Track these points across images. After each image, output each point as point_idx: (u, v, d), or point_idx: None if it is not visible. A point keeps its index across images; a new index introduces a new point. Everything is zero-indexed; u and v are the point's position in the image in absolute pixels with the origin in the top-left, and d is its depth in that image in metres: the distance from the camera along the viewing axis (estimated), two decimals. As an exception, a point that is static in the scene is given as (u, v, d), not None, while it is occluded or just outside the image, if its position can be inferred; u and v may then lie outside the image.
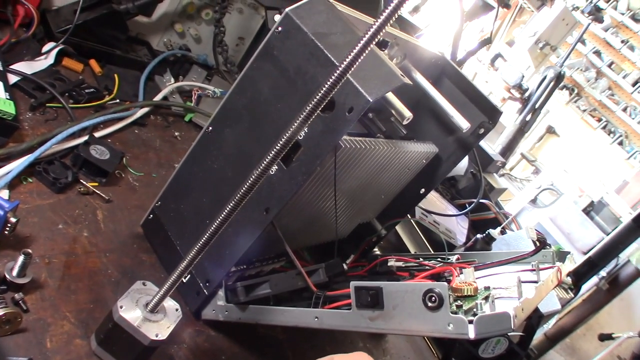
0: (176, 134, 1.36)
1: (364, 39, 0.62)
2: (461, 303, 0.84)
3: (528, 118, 2.74)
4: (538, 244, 1.05)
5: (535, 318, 1.20)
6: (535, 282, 0.94)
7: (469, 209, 1.87)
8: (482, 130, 1.19)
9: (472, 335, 0.71)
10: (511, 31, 2.65)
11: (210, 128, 0.92)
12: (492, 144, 2.68)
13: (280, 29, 0.83)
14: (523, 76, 2.60)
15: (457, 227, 1.81)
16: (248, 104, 0.88)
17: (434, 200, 1.82)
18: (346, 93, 0.76)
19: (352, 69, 0.65)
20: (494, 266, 1.04)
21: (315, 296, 0.89)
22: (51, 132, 1.05)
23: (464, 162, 2.03)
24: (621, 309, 2.87)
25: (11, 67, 1.11)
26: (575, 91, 2.90)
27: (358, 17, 0.91)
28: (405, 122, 0.88)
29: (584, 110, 2.98)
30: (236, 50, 1.72)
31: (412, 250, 1.56)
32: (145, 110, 1.30)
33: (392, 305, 0.76)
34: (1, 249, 0.84)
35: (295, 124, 0.67)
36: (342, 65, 0.64)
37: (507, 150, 2.83)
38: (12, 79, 1.11)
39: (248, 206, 0.87)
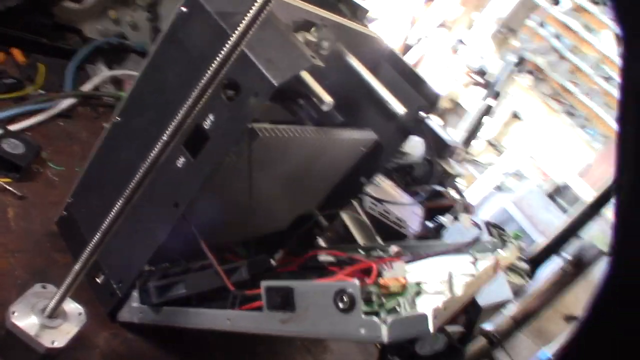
0: (106, 125, 1.30)
1: (256, 6, 0.57)
2: (385, 301, 0.80)
3: (491, 103, 2.72)
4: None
5: (474, 312, 1.17)
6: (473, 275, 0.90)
7: (424, 197, 1.84)
8: (421, 115, 1.15)
9: (385, 339, 0.66)
10: (469, 14, 2.61)
11: (119, 118, 0.87)
12: (454, 129, 2.66)
13: (184, 9, 0.78)
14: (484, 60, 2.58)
15: (412, 217, 1.78)
16: (154, 92, 0.82)
17: (387, 189, 1.79)
18: (251, 77, 0.71)
19: (245, 39, 0.59)
20: (430, 257, 1.00)
21: (232, 295, 0.84)
22: (-42, 125, 0.98)
23: (420, 149, 1.99)
24: (586, 290, 2.88)
25: None
26: (538, 76, 2.90)
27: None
28: (325, 108, 0.83)
29: (547, 95, 2.96)
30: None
31: (361, 242, 1.52)
32: (71, 101, 1.23)
33: (304, 307, 0.71)
34: None
35: (186, 106, 0.62)
36: (235, 36, 0.59)
37: (470, 136, 2.81)
38: None
39: (157, 202, 0.82)
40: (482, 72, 2.71)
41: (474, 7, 2.64)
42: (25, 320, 0.73)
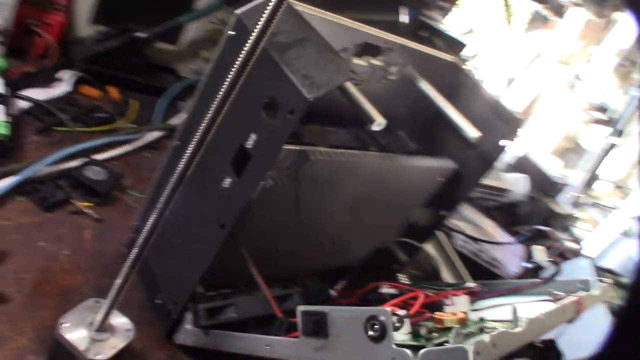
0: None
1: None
2: (436, 335, 0.73)
3: (614, 141, 2.50)
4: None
5: (552, 357, 1.03)
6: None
7: (526, 237, 1.70)
8: (503, 142, 1.08)
9: (415, 374, 0.60)
10: (587, 48, 2.44)
11: (177, 142, 0.90)
12: (574, 170, 2.47)
13: (232, 33, 0.80)
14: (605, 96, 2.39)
15: (510, 257, 1.65)
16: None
17: (484, 227, 1.68)
18: (288, 94, 0.70)
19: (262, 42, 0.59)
20: (501, 296, 0.91)
21: (278, 322, 0.81)
22: (51, 153, 1.07)
23: (523, 186, 1.86)
24: None
25: (23, 92, 1.16)
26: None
27: (326, 18, 0.86)
28: (376, 128, 0.80)
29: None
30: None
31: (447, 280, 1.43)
32: (158, 133, 1.30)
33: (336, 334, 0.68)
34: (-30, 264, 0.86)
35: (207, 119, 0.63)
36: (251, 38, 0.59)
37: (592, 177, 2.58)
38: (25, 105, 1.16)
39: (206, 223, 0.83)
40: (603, 109, 2.50)
41: (593, 40, 2.47)
42: (74, 332, 0.75)
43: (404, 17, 1.37)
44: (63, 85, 1.25)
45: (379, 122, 0.81)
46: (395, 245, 1.26)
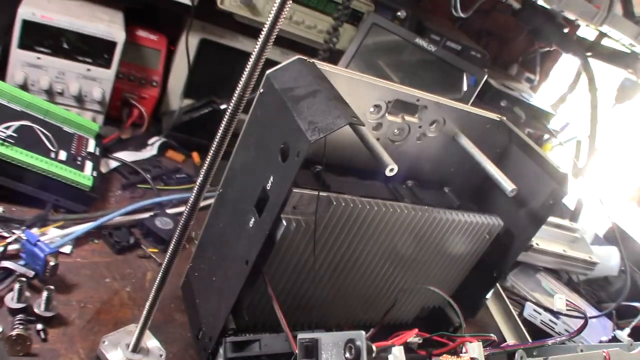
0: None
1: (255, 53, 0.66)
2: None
3: None
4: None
5: None
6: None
7: (610, 311, 1.58)
8: (552, 200, 1.07)
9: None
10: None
11: (221, 190, 1.00)
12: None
13: (262, 90, 0.90)
14: None
15: (595, 334, 1.53)
16: (242, 164, 0.94)
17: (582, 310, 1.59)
18: (296, 138, 0.78)
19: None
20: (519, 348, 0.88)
21: (294, 357, 0.85)
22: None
23: (616, 260, 1.75)
24: None
25: (114, 154, 1.35)
26: None
27: (352, 77, 0.94)
28: (388, 174, 0.85)
29: None
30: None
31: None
32: (231, 193, 1.43)
33: (325, 358, 0.71)
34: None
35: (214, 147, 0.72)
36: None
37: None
38: (114, 164, 1.34)
39: (235, 259, 0.91)
40: None
41: None
42: (111, 350, 0.85)
43: (465, 85, 1.42)
44: (150, 149, 1.43)
45: (391, 167, 0.86)
46: (448, 307, 1.25)
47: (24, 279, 0.93)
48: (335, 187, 0.96)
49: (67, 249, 1.09)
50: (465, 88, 1.45)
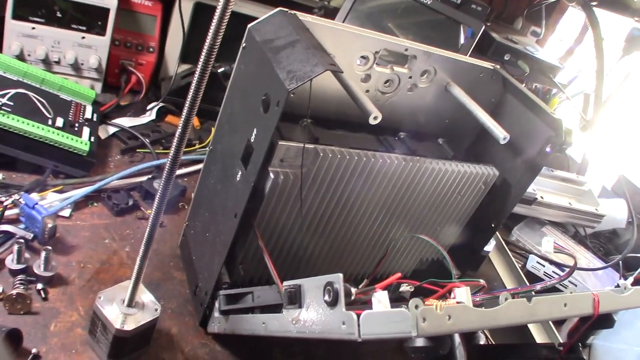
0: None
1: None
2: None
3: None
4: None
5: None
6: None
7: (610, 264, 1.57)
8: (548, 147, 1.06)
9: (357, 335, 0.63)
10: None
11: (211, 147, 1.01)
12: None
13: (244, 44, 0.90)
14: None
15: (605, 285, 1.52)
16: (228, 119, 0.95)
17: (573, 253, 1.58)
18: (275, 88, 0.78)
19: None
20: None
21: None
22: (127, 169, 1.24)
23: (623, 213, 1.73)
24: None
25: (113, 120, 1.36)
26: None
27: (337, 27, 0.93)
28: (372, 122, 0.84)
29: None
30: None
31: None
32: (230, 155, 1.44)
33: (307, 304, 0.72)
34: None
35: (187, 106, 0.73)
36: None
37: None
38: (112, 130, 1.35)
39: (225, 214, 0.92)
40: None
41: None
42: (107, 305, 0.87)
43: (462, 38, 1.39)
44: (149, 114, 1.44)
45: (374, 115, 0.86)
46: (446, 259, 1.25)
47: (22, 240, 0.95)
48: (324, 140, 0.96)
49: (66, 212, 1.11)
50: (462, 41, 1.43)
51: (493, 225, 1.18)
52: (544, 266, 1.45)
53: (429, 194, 1.07)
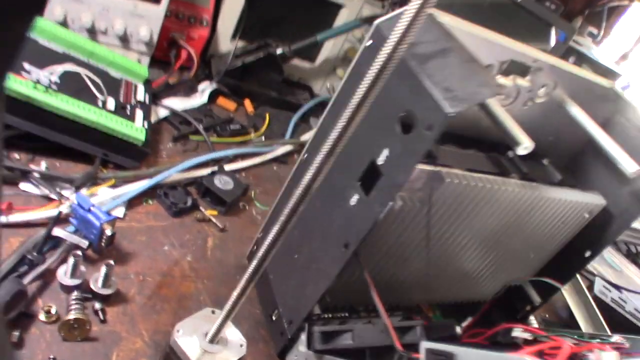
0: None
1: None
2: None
3: None
4: None
5: None
6: None
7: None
8: None
9: None
10: None
11: (306, 155, 0.87)
12: None
13: (370, 42, 0.76)
14: None
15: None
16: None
17: (629, 274, 1.49)
18: (426, 107, 0.64)
19: (399, 53, 0.54)
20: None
21: (398, 356, 0.74)
22: (183, 161, 1.09)
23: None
24: None
25: (163, 101, 1.20)
26: None
27: (470, 31, 0.79)
28: (522, 152, 0.72)
29: None
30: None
31: (584, 329, 1.28)
32: (288, 147, 1.30)
33: (464, 377, 0.60)
34: (100, 261, 0.87)
35: (337, 130, 0.58)
36: (387, 45, 0.54)
37: None
38: (163, 113, 1.20)
39: (329, 240, 0.79)
40: None
41: None
42: (187, 341, 0.74)
43: (552, 40, 1.26)
44: (201, 96, 1.29)
45: (525, 145, 0.73)
46: (529, 284, 1.15)
47: (79, 252, 0.81)
48: (441, 159, 0.82)
49: (119, 212, 0.97)
50: (552, 44, 1.29)
51: (587, 256, 1.07)
52: (610, 291, 1.35)
53: (534, 222, 0.95)
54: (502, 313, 1.14)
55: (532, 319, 1.16)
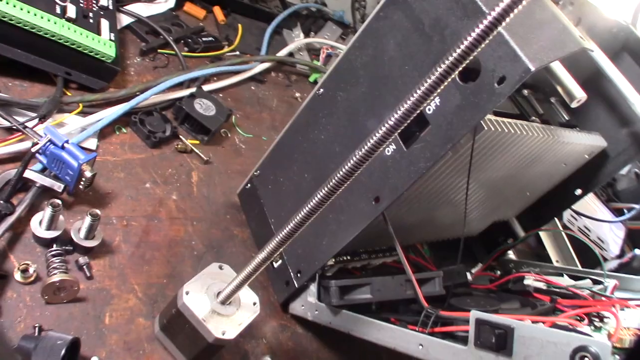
0: (297, 94, 1.22)
1: None
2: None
3: None
4: None
5: None
6: None
7: (628, 215, 1.54)
8: None
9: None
10: None
11: (322, 90, 0.76)
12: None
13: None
14: None
15: (609, 236, 1.50)
16: (368, 63, 0.70)
17: (584, 201, 1.52)
18: (498, 57, 0.55)
19: (507, 19, 0.44)
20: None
21: (424, 314, 0.70)
22: (156, 80, 0.95)
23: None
24: None
25: (125, 7, 1.02)
26: None
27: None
28: (575, 105, 0.66)
29: None
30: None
31: (554, 259, 1.30)
32: (265, 65, 1.17)
33: (524, 355, 0.56)
34: (77, 205, 0.75)
35: (420, 91, 0.48)
36: (493, 14, 0.44)
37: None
38: (126, 20, 1.02)
39: (355, 191, 0.70)
40: None
41: None
42: (198, 302, 0.65)
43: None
44: (166, 1, 1.11)
45: (579, 98, 0.67)
46: (515, 220, 1.13)
47: (58, 201, 0.68)
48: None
49: (92, 144, 0.83)
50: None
51: (577, 194, 1.06)
52: (577, 220, 1.38)
53: (543, 164, 0.91)
54: (483, 247, 1.14)
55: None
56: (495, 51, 0.55)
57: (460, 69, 0.45)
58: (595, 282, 0.91)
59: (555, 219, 1.37)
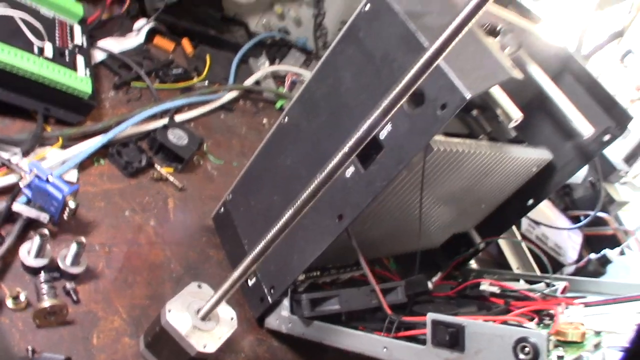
0: (264, 121, 1.29)
1: (460, 16, 0.49)
2: (563, 353, 0.68)
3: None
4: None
5: None
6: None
7: (583, 222, 1.64)
8: (607, 137, 1.00)
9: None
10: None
11: (286, 119, 0.83)
12: (614, 150, 2.38)
13: (367, 7, 0.72)
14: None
15: (568, 242, 1.60)
16: (327, 94, 0.77)
17: (543, 210, 1.62)
18: (439, 86, 0.63)
19: (444, 54, 0.52)
20: (610, 303, 0.86)
21: (388, 320, 0.77)
22: (130, 112, 1.00)
23: (582, 169, 1.79)
24: None
25: (98, 43, 1.08)
26: None
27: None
28: (513, 125, 0.73)
29: None
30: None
31: (514, 266, 1.39)
32: (233, 94, 1.23)
33: (475, 350, 0.63)
34: (60, 234, 0.80)
35: (372, 118, 0.56)
36: (432, 49, 0.52)
37: (631, 157, 2.50)
38: (100, 56, 1.08)
39: (320, 211, 0.77)
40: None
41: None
42: (180, 319, 0.71)
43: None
44: (137, 36, 1.17)
45: (516, 118, 0.75)
46: (474, 231, 1.21)
47: (45, 231, 0.73)
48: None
49: (72, 176, 0.88)
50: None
51: (529, 204, 1.15)
52: (534, 229, 1.47)
53: (493, 178, 0.99)
54: (446, 257, 1.21)
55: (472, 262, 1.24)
56: (437, 82, 0.63)
57: (406, 98, 0.52)
58: (549, 285, 0.99)
59: (514, 228, 1.46)
